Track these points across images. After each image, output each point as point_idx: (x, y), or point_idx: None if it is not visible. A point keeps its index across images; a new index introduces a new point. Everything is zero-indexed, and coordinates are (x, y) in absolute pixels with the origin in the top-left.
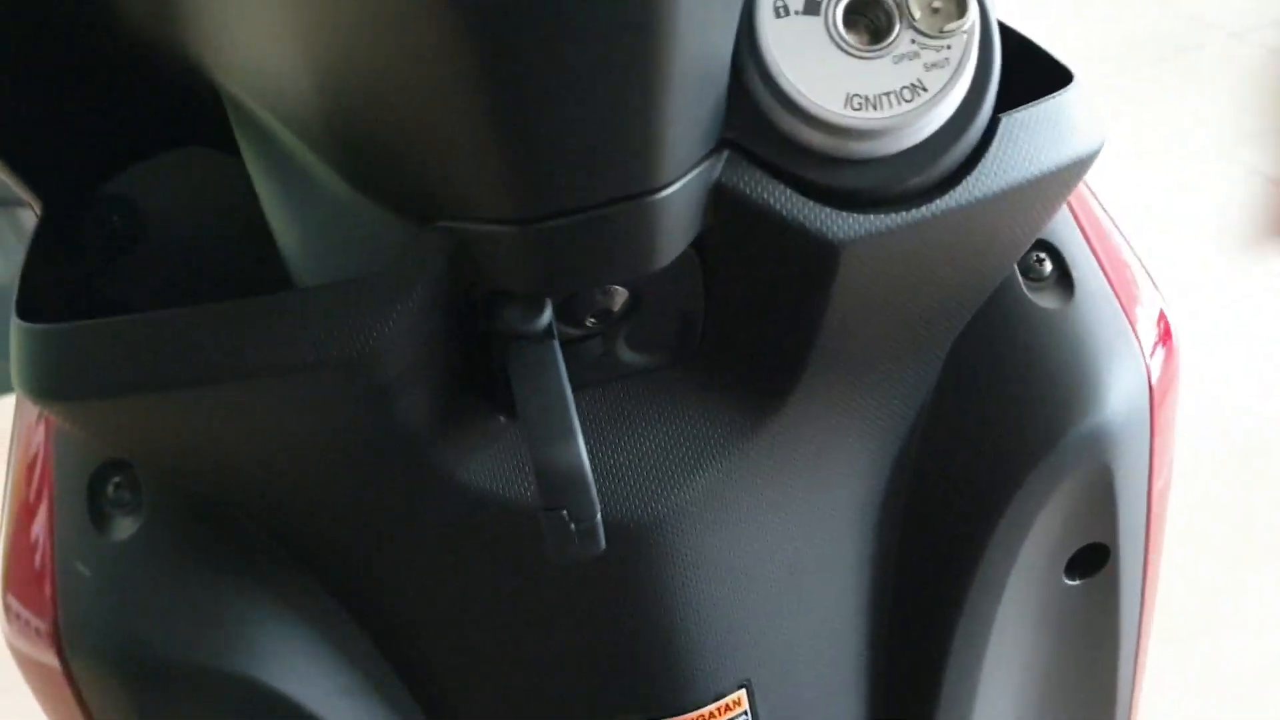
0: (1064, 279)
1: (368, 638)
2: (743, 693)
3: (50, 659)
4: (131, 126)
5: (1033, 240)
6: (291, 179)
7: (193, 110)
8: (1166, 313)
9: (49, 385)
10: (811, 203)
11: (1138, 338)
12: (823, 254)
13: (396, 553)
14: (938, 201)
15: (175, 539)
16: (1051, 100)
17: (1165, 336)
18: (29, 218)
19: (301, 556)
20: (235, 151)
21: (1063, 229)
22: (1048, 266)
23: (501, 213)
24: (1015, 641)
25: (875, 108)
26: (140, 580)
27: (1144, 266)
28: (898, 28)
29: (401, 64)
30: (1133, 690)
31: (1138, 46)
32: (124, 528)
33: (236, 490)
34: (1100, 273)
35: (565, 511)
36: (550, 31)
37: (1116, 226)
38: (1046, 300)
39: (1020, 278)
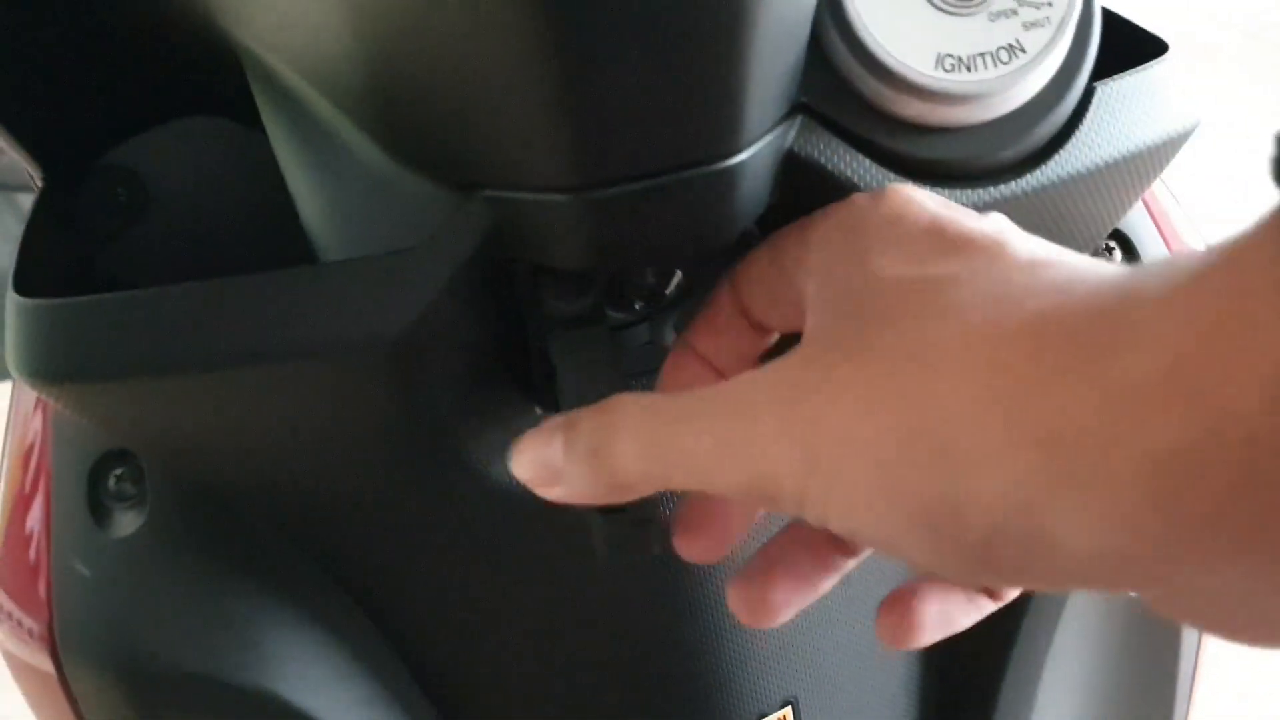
0: None
1: (387, 644)
2: (788, 710)
3: (44, 663)
4: (137, 93)
5: (1116, 224)
6: (319, 146)
7: (201, 76)
8: None
9: (47, 366)
10: (892, 174)
11: None
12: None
13: (420, 553)
14: (1028, 177)
15: (181, 536)
16: (1149, 69)
17: None
18: (29, 203)
19: (318, 556)
20: (247, 119)
21: (1133, 215)
22: (1117, 255)
23: (555, 180)
24: (1075, 655)
25: (969, 69)
26: (142, 581)
27: None
28: None
29: (452, 14)
30: (1189, 702)
31: None
32: (126, 523)
33: (250, 483)
34: None
35: (625, 512)
36: None
37: (1186, 216)
38: None
39: None
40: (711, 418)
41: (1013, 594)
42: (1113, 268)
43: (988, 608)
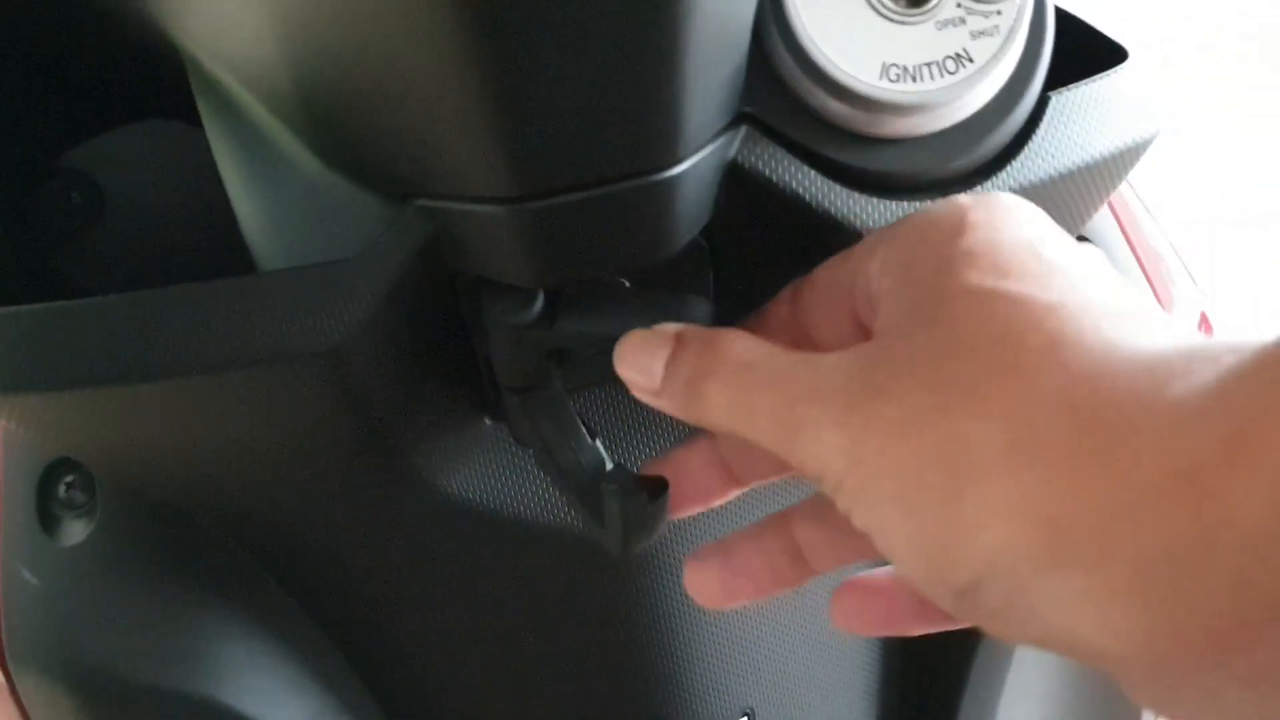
0: None
1: (340, 654)
2: None
3: None
4: (90, 96)
5: (1077, 233)
6: (258, 153)
7: (156, 79)
8: (1209, 315)
9: None
10: (839, 187)
11: None
12: (849, 244)
13: (371, 563)
14: (980, 188)
15: (131, 545)
16: (1106, 78)
17: None
18: None
19: (269, 566)
20: (201, 123)
21: (1099, 222)
22: None
23: (489, 190)
24: (1038, 663)
25: (915, 79)
26: (92, 590)
27: (1184, 264)
28: None
29: (379, 19)
30: None
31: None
32: (75, 532)
33: (197, 494)
34: (1139, 271)
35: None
36: None
37: (1154, 219)
38: None
39: None
40: (793, 393)
41: None
42: (1173, 336)
43: (941, 624)
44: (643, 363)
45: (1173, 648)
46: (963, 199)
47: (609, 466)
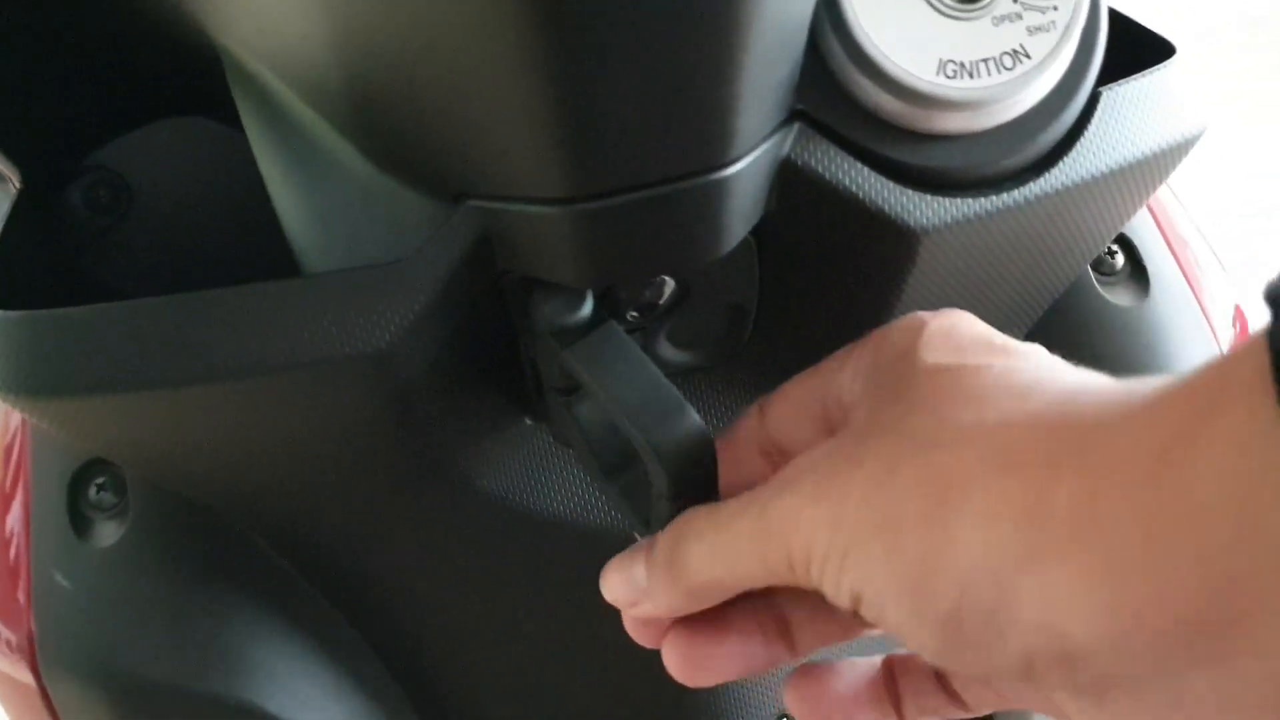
0: (1138, 273)
1: (376, 658)
2: None
3: (24, 675)
4: (120, 92)
5: (1120, 230)
6: (301, 153)
7: (186, 75)
8: (1243, 309)
9: (22, 380)
10: (891, 183)
11: (1215, 337)
12: (901, 241)
13: (410, 566)
14: (1031, 185)
15: (164, 546)
16: (1156, 73)
17: (1243, 335)
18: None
19: (305, 568)
20: (232, 121)
21: (1136, 218)
22: (1120, 260)
23: (543, 191)
24: None
25: (972, 75)
26: (125, 592)
27: (1218, 258)
28: None
29: (439, 18)
30: None
31: None
32: (107, 534)
33: (234, 496)
34: (1176, 266)
35: (695, 495)
36: None
37: (1189, 215)
38: (1120, 297)
39: (1091, 272)
40: (760, 501)
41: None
42: (1127, 385)
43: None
44: (625, 575)
45: (1141, 629)
46: (921, 314)
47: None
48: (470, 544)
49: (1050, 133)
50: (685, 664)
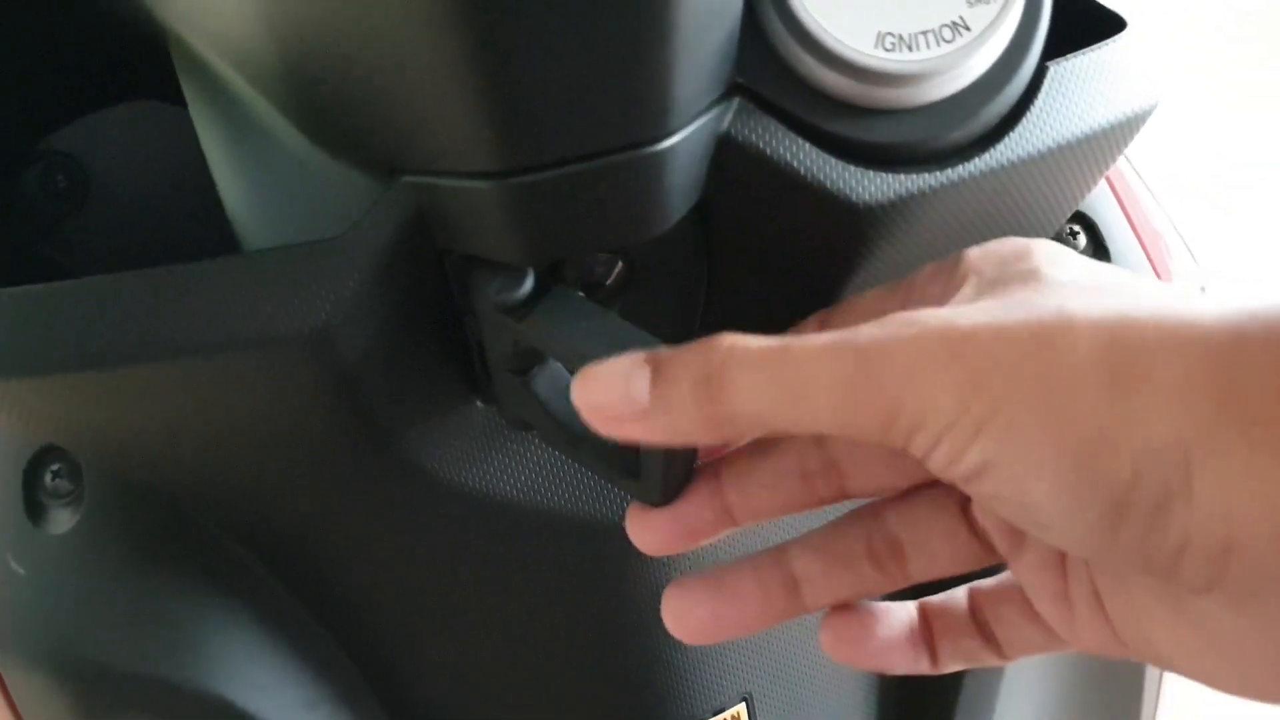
0: (1099, 254)
1: (334, 643)
2: (743, 706)
3: None
4: (76, 76)
5: (1075, 208)
6: (239, 129)
7: (142, 58)
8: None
9: None
10: (833, 159)
11: None
12: (845, 218)
13: (364, 550)
14: (976, 160)
15: (120, 533)
16: (1105, 47)
17: None
18: None
19: (260, 553)
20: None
21: (1097, 198)
22: (1082, 240)
23: (475, 164)
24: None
25: (910, 48)
26: (80, 579)
27: (1182, 239)
28: None
29: None
30: (1159, 687)
31: None
32: (62, 520)
33: (186, 480)
34: (1139, 248)
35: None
36: None
37: (1152, 194)
38: None
39: None
40: (856, 348)
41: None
42: None
43: (924, 667)
44: (617, 380)
45: None
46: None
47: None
48: (424, 528)
49: (995, 107)
50: (691, 620)
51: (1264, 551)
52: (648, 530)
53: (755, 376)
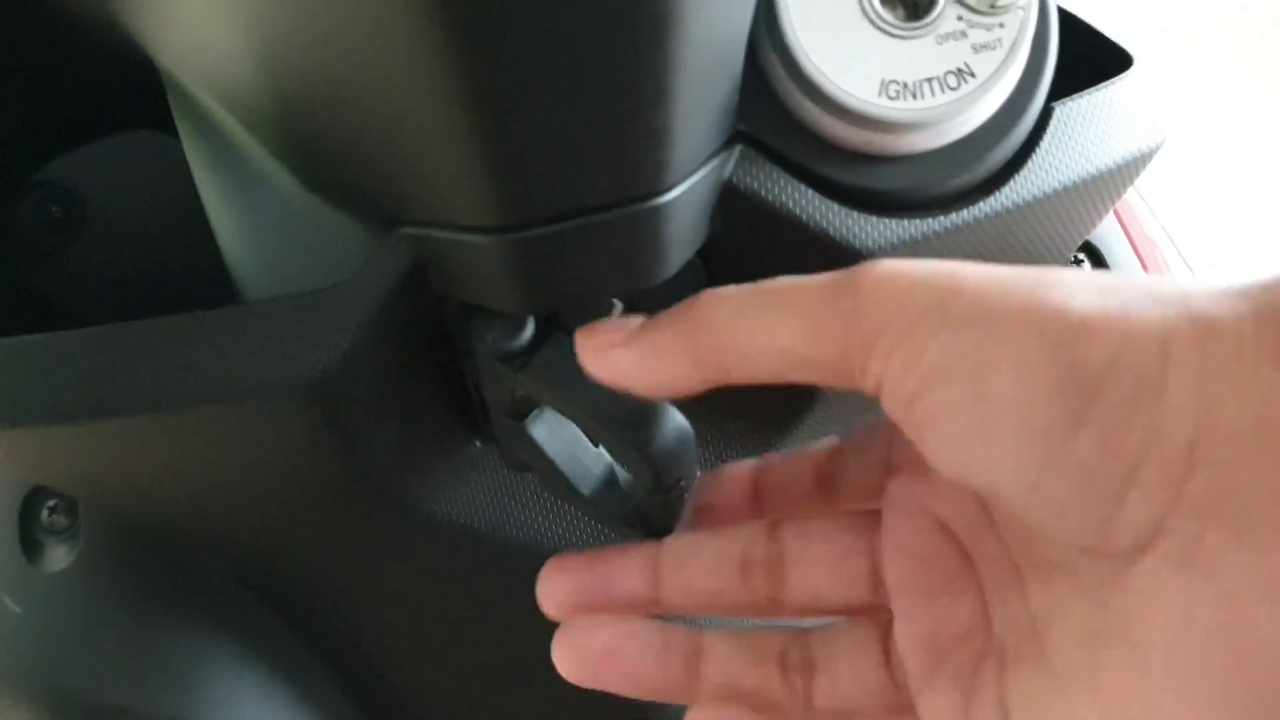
0: None
1: (332, 680)
2: None
3: None
4: (72, 106)
5: (1082, 240)
6: (236, 173)
7: (139, 89)
8: None
9: None
10: (837, 206)
11: None
12: (848, 265)
13: (362, 590)
14: (981, 205)
15: (116, 570)
16: (1111, 86)
17: None
18: None
19: (259, 591)
20: None
21: (1103, 226)
22: (1086, 267)
23: (474, 219)
24: None
25: (915, 96)
26: (76, 616)
27: (1190, 269)
28: (942, 2)
29: (357, 43)
30: None
31: None
32: (58, 558)
33: (180, 523)
34: (1135, 260)
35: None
36: (533, 4)
37: (1158, 221)
38: None
39: None
40: (826, 278)
41: None
42: None
43: None
44: (619, 331)
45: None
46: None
47: (618, 472)
48: (424, 568)
49: (1000, 151)
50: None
51: (1233, 458)
52: (559, 576)
53: (730, 305)
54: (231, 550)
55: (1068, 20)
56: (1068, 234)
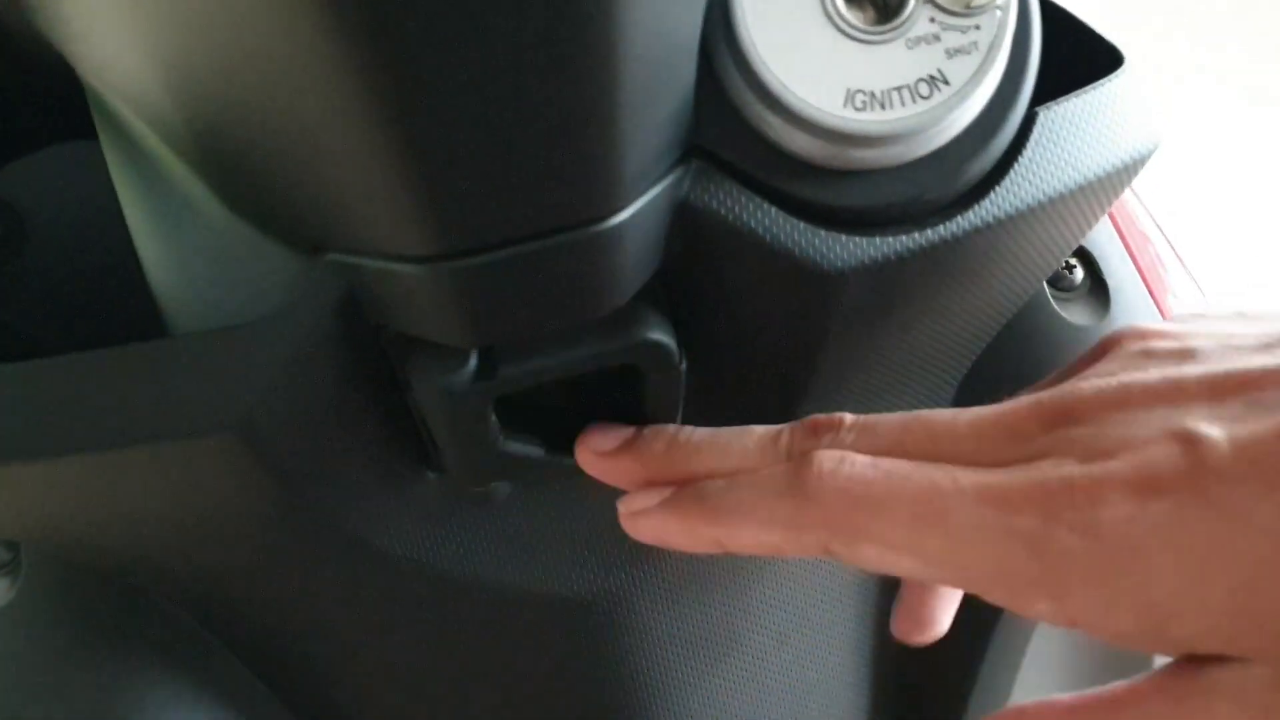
0: (1098, 288)
1: (288, 715)
2: None
3: None
4: (7, 116)
5: (1072, 249)
6: (159, 193)
7: (77, 98)
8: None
9: None
10: (801, 224)
11: None
12: (817, 286)
13: (314, 623)
14: (960, 219)
15: (59, 606)
16: (1099, 88)
17: None
18: None
19: (208, 624)
20: None
21: (1096, 230)
22: (1079, 274)
23: (404, 248)
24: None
25: (883, 106)
26: (16, 655)
27: (1186, 269)
28: (912, 4)
29: (266, 59)
30: None
31: None
32: (0, 592)
33: (123, 562)
34: (1139, 280)
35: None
36: (459, 12)
37: (1154, 220)
38: (1078, 315)
39: (1047, 288)
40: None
41: None
42: None
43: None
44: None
45: None
46: None
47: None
48: (375, 602)
49: (979, 162)
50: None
51: None
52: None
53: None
54: (178, 585)
55: (1053, 16)
56: (1056, 247)
